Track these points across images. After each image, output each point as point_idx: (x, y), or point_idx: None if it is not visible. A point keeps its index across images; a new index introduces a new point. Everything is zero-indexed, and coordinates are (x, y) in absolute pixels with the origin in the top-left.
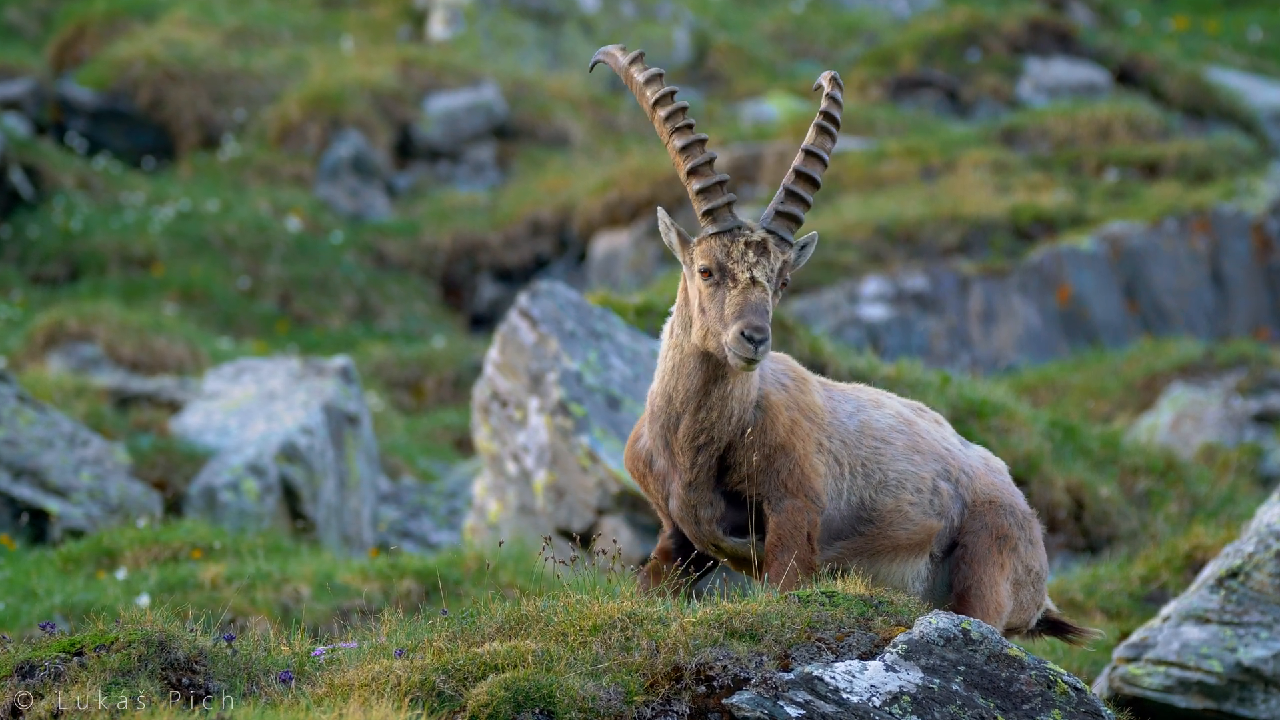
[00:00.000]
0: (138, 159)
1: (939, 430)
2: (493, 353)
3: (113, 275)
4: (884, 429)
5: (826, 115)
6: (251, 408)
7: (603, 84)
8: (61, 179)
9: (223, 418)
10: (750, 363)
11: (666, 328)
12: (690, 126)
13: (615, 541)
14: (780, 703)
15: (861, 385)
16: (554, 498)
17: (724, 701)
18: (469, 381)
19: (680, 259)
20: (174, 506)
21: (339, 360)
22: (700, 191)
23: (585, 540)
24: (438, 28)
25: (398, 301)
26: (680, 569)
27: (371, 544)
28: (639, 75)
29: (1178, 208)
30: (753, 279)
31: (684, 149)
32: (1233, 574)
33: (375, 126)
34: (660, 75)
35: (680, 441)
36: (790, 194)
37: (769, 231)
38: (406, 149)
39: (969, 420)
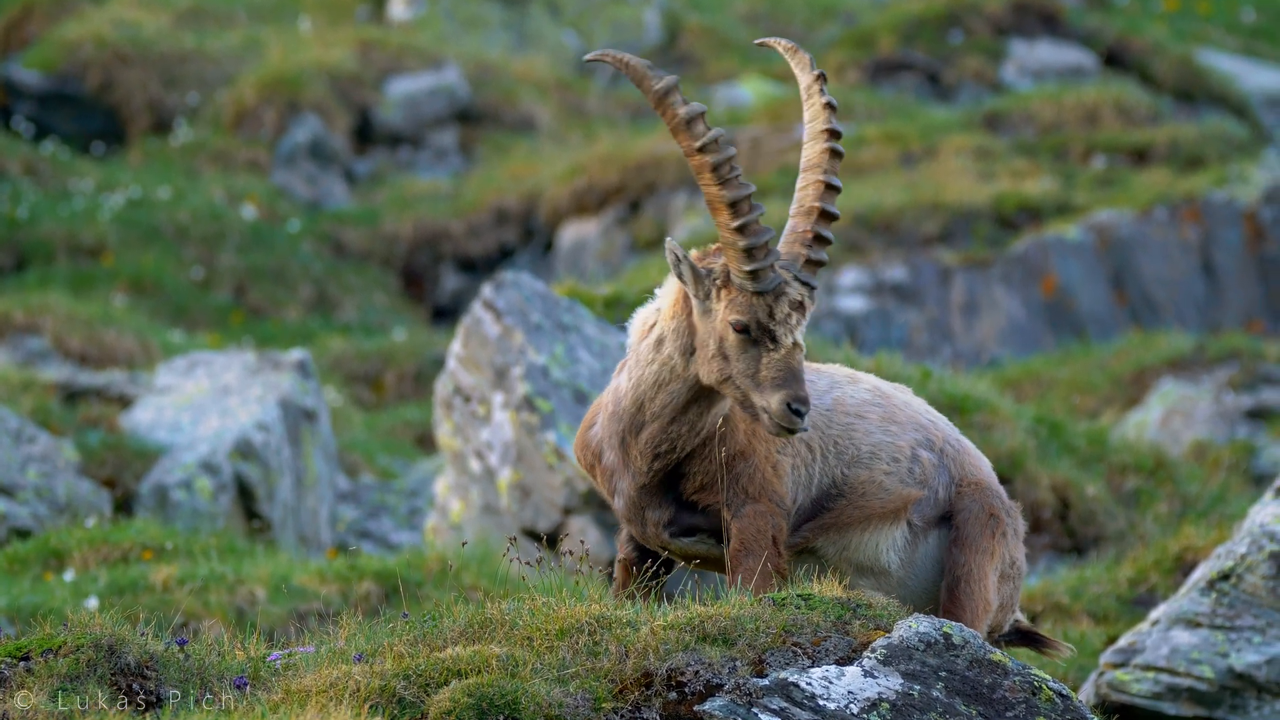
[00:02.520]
0: (87, 144)
1: (920, 404)
2: (455, 346)
3: (60, 265)
4: (857, 404)
5: (832, 133)
6: (205, 403)
7: (570, 67)
8: (7, 165)
9: (175, 413)
10: (794, 432)
11: (649, 337)
12: (739, 178)
13: (583, 542)
14: (754, 710)
15: (839, 365)
16: (519, 496)
17: (696, 708)
18: (431, 376)
19: (690, 291)
20: (124, 506)
21: (296, 354)
22: (747, 250)
23: (552, 540)
24: (398, 8)
25: (357, 292)
26: (651, 571)
27: (329, 545)
28: (680, 110)
29: (1167, 195)
30: (795, 343)
31: (733, 204)
32: (1224, 576)
33: (334, 110)
34: (703, 115)
35: (640, 447)
36: (818, 238)
37: (805, 285)
38: (366, 134)
39: (950, 416)
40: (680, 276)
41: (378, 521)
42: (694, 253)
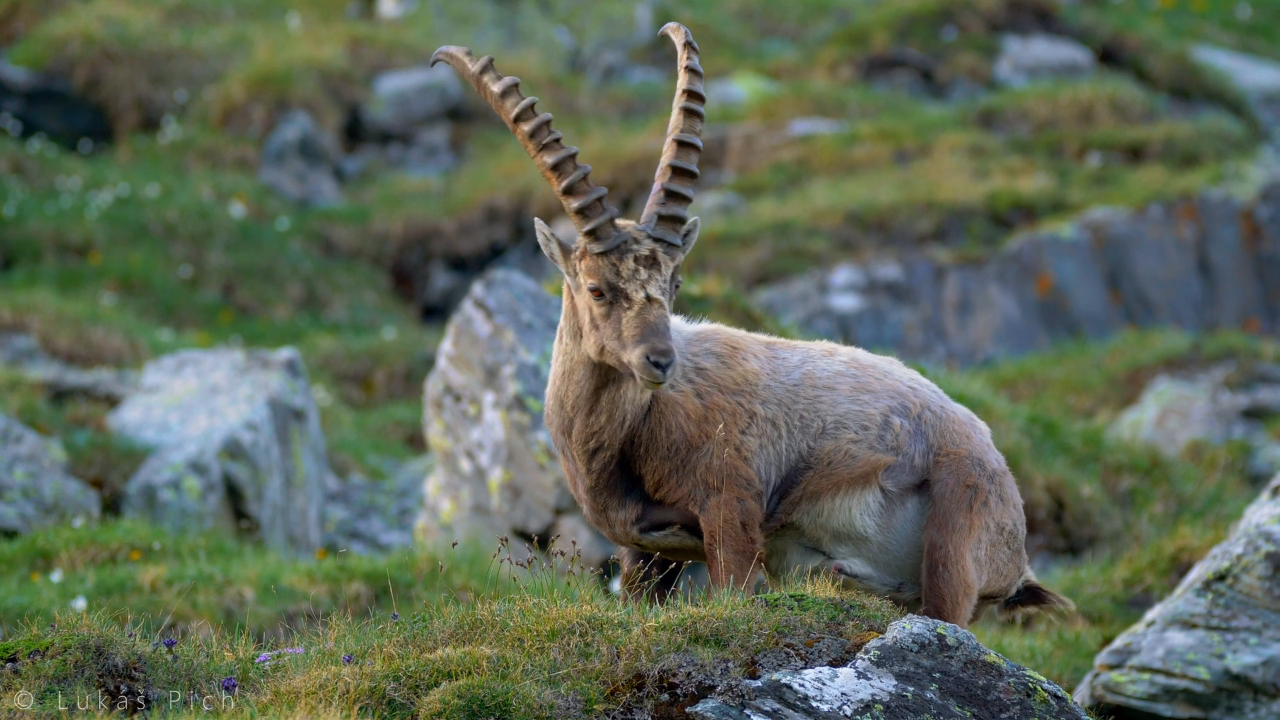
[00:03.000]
0: (74, 141)
1: (907, 374)
2: (446, 345)
3: (48, 263)
4: (829, 376)
5: (690, 94)
6: (193, 402)
7: (562, 64)
8: None
9: (163, 413)
10: (659, 384)
11: (557, 333)
12: (558, 141)
13: (574, 543)
14: (747, 711)
15: (823, 341)
16: (510, 497)
17: (688, 710)
18: (421, 375)
19: (562, 270)
20: (112, 506)
21: (285, 352)
22: (580, 210)
23: (543, 541)
24: (388, 5)
25: (346, 291)
26: (643, 571)
27: (319, 545)
28: (494, 86)
29: (1163, 193)
30: (648, 297)
31: (555, 166)
32: (1220, 577)
33: (323, 108)
34: (517, 86)
35: (575, 445)
36: (670, 194)
37: (655, 240)
38: (356, 131)
39: None
40: (551, 256)
41: (367, 522)
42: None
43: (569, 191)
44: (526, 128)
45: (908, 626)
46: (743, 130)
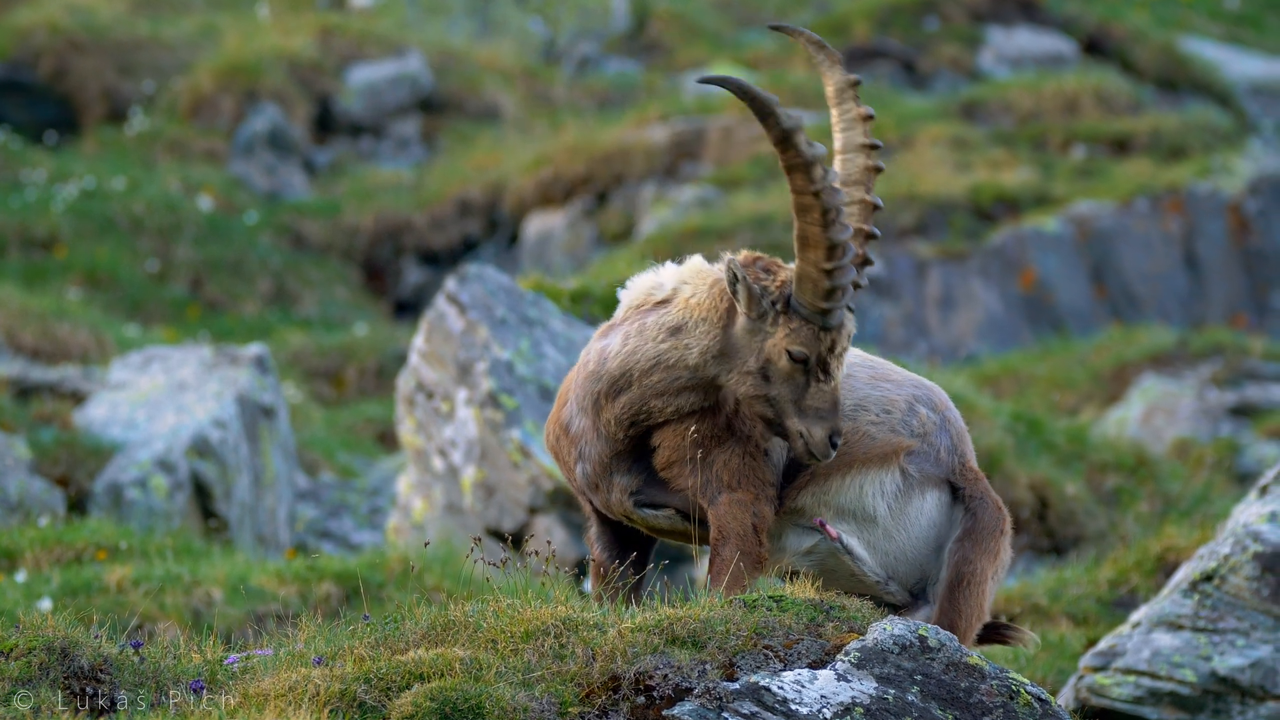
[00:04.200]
0: (39, 133)
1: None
2: (418, 341)
3: (12, 257)
4: (847, 363)
5: (873, 148)
6: (160, 399)
7: (535, 54)
8: None
9: (130, 410)
10: (821, 460)
11: (660, 316)
12: (843, 219)
13: (549, 542)
14: (725, 714)
15: None
16: (483, 495)
17: (665, 713)
18: (393, 371)
19: (742, 309)
20: (77, 504)
21: (254, 348)
22: (831, 290)
23: (517, 541)
24: None
25: (317, 286)
26: (620, 570)
27: (288, 545)
28: (806, 152)
29: (1149, 187)
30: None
31: (832, 247)
32: (1207, 577)
33: (293, 99)
34: (825, 157)
35: (616, 411)
36: (864, 261)
37: (850, 312)
38: (326, 123)
39: None
40: (735, 294)
41: (338, 521)
42: (742, 254)
43: (832, 273)
44: (823, 203)
45: (888, 628)
46: (721, 122)
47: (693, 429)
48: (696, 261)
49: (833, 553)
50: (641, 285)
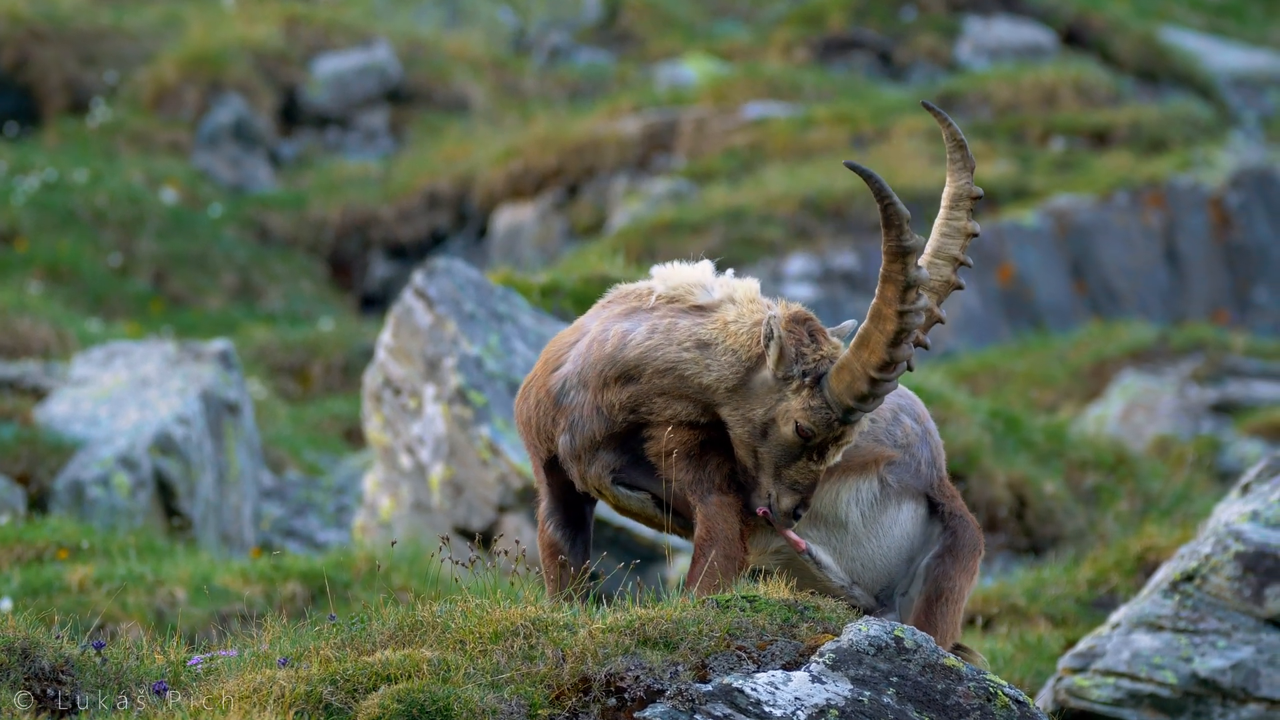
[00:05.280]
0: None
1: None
2: (385, 336)
3: None
4: None
5: (962, 264)
6: (123, 395)
7: (505, 44)
8: None
9: (92, 406)
10: (774, 526)
11: (694, 324)
12: (911, 342)
13: (518, 541)
14: (697, 716)
15: None
16: (451, 494)
17: (636, 715)
18: (359, 367)
19: (770, 364)
20: (38, 503)
21: (218, 344)
22: (865, 397)
23: (485, 540)
24: None
25: (282, 280)
26: (587, 571)
27: (253, 544)
28: (910, 273)
29: (1129, 180)
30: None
31: (888, 364)
32: (1188, 577)
33: (258, 90)
34: (923, 283)
35: (621, 397)
36: (895, 373)
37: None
38: (292, 114)
39: None
40: (766, 349)
41: (304, 519)
42: (795, 308)
43: (876, 383)
44: (901, 325)
45: (864, 629)
46: (694, 114)
47: (688, 431)
48: (753, 286)
49: (795, 553)
50: (684, 277)
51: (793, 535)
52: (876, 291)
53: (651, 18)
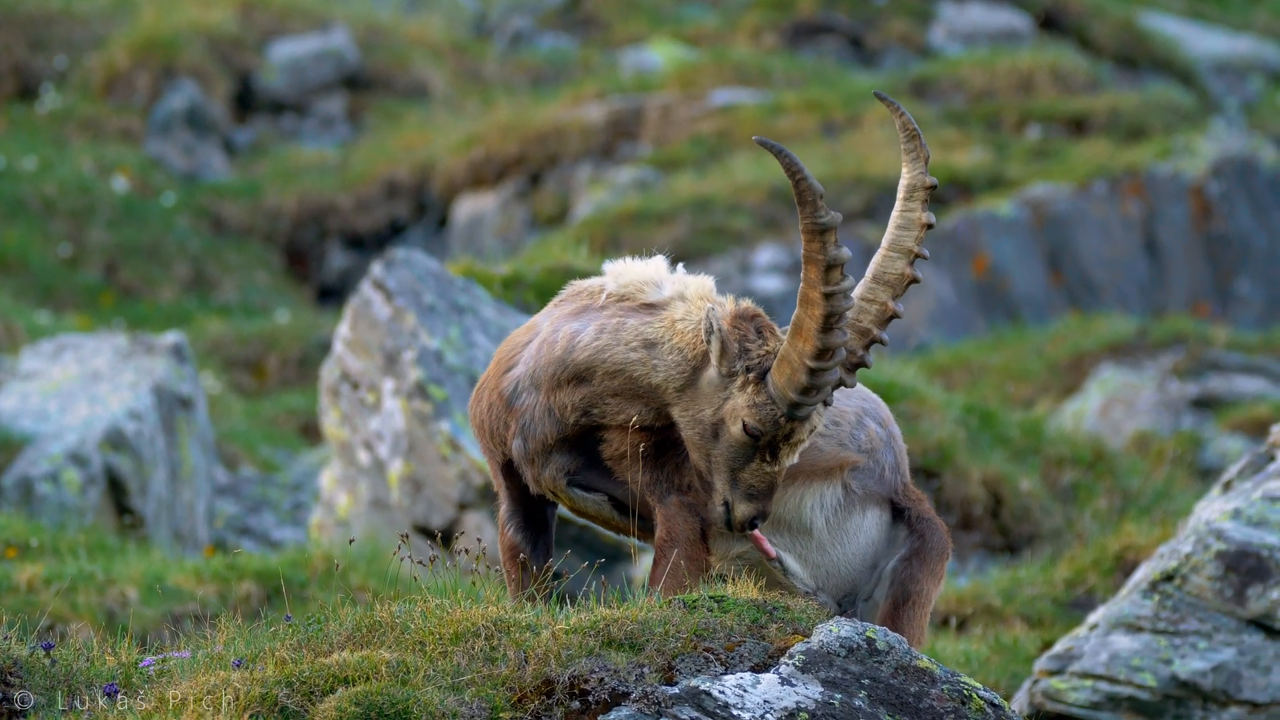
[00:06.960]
0: None
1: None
2: (343, 329)
3: None
4: None
5: (919, 256)
6: (73, 389)
7: (466, 29)
8: None
9: (41, 400)
10: (730, 533)
11: (641, 323)
12: (843, 327)
13: (479, 540)
14: (663, 719)
15: None
16: (411, 490)
17: (600, 718)
18: (316, 361)
19: (713, 360)
20: None
21: (171, 337)
22: (807, 388)
23: (446, 538)
24: None
25: (237, 271)
26: (549, 571)
27: (207, 542)
28: (831, 253)
29: (1107, 168)
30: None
31: (822, 351)
32: (1168, 577)
33: (212, 75)
34: (846, 262)
35: (573, 399)
36: (859, 364)
37: (825, 404)
38: (247, 101)
39: None
40: (708, 344)
41: (259, 517)
42: (744, 304)
43: (814, 373)
44: (830, 308)
45: (835, 630)
46: (660, 100)
47: (644, 434)
48: (705, 284)
49: (763, 559)
50: (635, 274)
51: (765, 543)
52: (802, 276)
53: (616, 1)
